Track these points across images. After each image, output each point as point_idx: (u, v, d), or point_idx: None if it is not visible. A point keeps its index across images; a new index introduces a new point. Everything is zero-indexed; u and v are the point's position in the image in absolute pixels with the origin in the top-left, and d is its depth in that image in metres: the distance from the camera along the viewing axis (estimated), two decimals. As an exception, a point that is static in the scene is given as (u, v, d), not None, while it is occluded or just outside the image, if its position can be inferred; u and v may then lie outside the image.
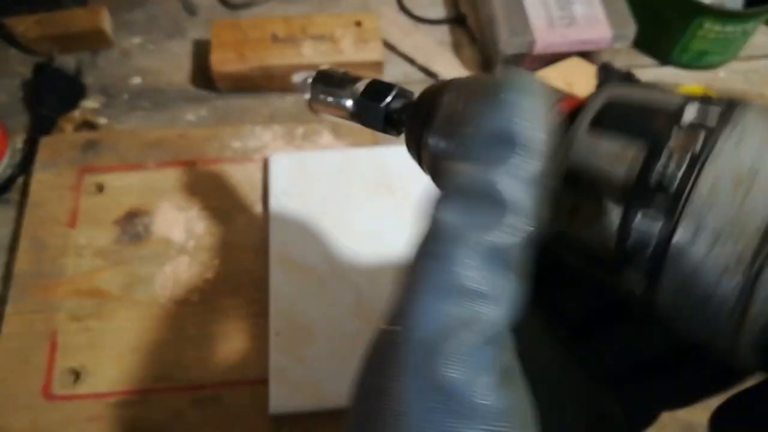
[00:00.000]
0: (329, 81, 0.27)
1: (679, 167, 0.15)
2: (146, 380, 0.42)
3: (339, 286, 0.44)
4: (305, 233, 0.46)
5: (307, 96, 0.28)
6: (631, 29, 0.54)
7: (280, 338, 0.42)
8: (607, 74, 0.53)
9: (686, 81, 0.58)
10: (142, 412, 0.41)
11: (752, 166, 0.15)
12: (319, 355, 0.42)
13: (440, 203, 0.15)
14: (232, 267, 0.46)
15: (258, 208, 0.49)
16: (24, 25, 0.55)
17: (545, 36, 0.53)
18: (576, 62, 0.54)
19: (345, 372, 0.41)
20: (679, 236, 0.15)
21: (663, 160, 0.16)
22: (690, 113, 0.16)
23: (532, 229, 0.15)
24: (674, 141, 0.16)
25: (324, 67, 0.28)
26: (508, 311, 0.15)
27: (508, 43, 0.53)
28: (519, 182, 0.15)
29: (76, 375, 0.42)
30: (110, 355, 0.43)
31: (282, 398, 0.41)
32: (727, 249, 0.15)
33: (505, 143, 0.15)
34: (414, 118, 0.22)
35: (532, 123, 0.15)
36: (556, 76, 0.54)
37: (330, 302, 0.44)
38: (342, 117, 0.27)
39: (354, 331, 0.43)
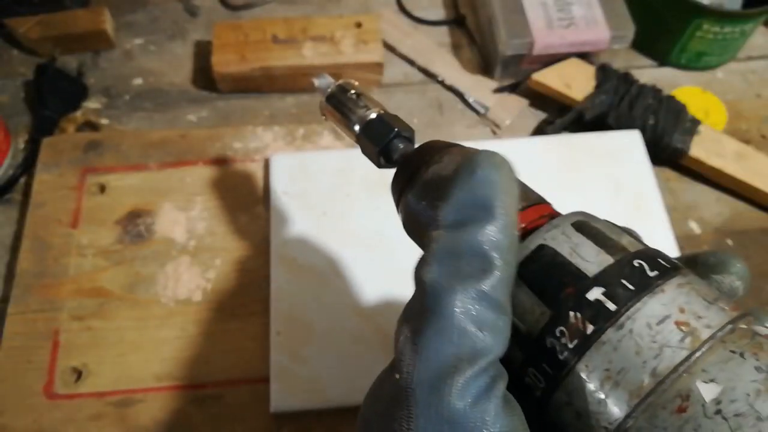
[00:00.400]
0: (343, 100, 0.28)
1: (563, 350, 0.18)
2: (148, 379, 0.42)
3: (339, 286, 0.44)
4: (306, 233, 0.46)
5: (322, 104, 0.29)
6: (629, 30, 0.54)
7: (281, 337, 0.42)
8: (605, 75, 0.53)
9: (684, 82, 0.58)
10: (143, 411, 0.41)
11: (624, 368, 0.17)
12: (319, 354, 0.42)
13: (427, 265, 0.18)
14: (233, 266, 0.46)
15: (259, 208, 0.49)
16: (26, 26, 0.56)
17: (544, 37, 0.53)
18: (575, 63, 0.55)
19: (345, 371, 0.42)
20: (553, 402, 0.18)
21: (557, 334, 0.18)
22: (594, 294, 0.18)
23: (511, 274, 0.18)
24: (571, 320, 0.18)
25: (343, 81, 0.29)
26: (500, 344, 0.17)
27: (507, 44, 0.53)
28: (499, 237, 0.17)
29: (78, 374, 0.42)
30: (112, 354, 0.43)
31: (283, 397, 0.41)
32: (586, 427, 0.17)
33: (484, 210, 0.18)
34: (403, 170, 0.24)
35: (505, 193, 0.18)
36: (554, 77, 0.54)
37: (330, 301, 0.44)
38: (347, 135, 0.28)
39: (354, 330, 0.43)
